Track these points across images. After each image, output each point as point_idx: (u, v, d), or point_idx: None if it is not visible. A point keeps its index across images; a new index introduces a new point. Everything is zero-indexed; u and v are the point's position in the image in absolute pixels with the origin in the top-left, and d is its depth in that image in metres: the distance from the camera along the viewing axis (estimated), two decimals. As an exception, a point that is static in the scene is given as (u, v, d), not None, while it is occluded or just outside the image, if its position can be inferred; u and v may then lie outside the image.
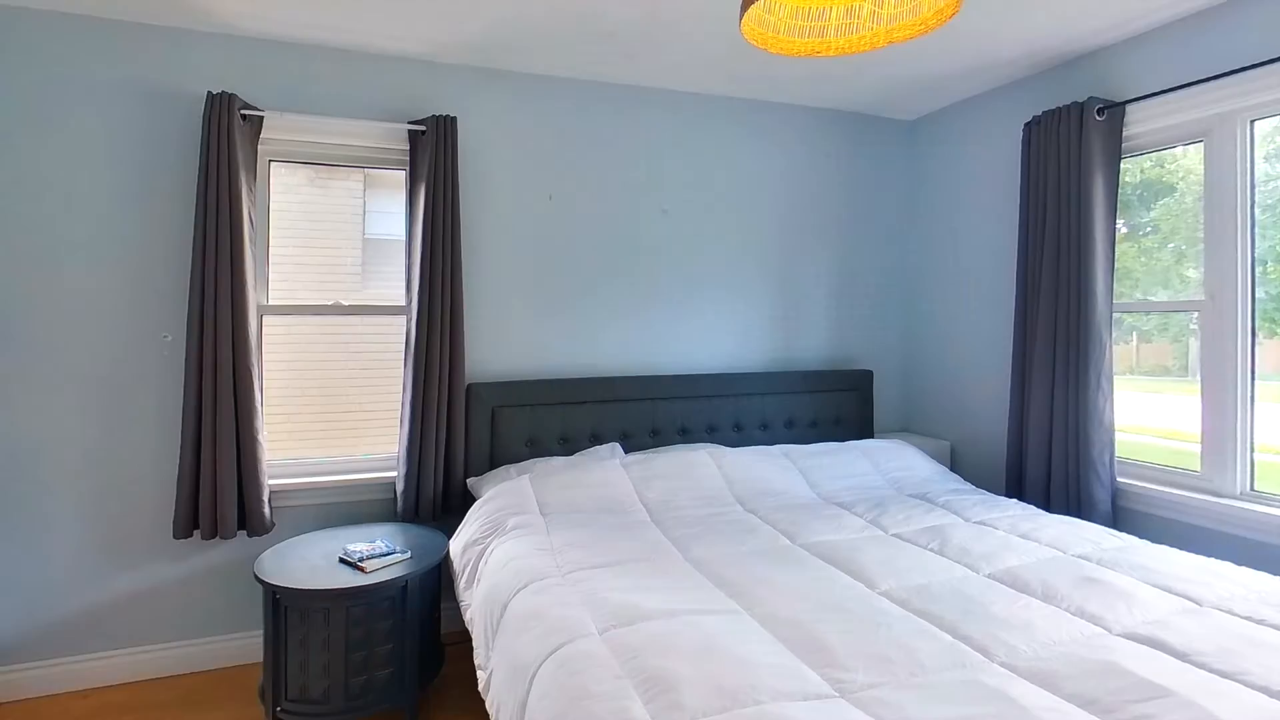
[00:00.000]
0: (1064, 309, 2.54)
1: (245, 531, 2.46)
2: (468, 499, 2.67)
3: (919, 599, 1.66)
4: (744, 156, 3.23)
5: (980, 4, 2.26)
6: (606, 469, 2.51)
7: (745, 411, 3.11)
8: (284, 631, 2.06)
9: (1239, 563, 2.14)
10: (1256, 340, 2.23)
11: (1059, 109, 2.58)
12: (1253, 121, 2.23)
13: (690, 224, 3.14)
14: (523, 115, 2.88)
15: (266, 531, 2.44)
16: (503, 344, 2.86)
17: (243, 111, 2.39)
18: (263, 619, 2.15)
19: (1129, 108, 2.47)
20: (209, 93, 2.33)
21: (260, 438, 2.41)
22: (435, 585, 2.36)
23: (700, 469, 2.58)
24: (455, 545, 2.29)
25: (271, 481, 2.54)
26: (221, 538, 2.36)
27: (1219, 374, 2.28)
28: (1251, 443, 2.24)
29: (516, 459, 2.75)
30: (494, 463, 2.74)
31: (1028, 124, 2.72)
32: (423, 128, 2.60)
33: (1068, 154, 2.54)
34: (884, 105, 3.33)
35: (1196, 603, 1.63)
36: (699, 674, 1.28)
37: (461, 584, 2.13)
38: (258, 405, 2.41)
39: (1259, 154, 2.24)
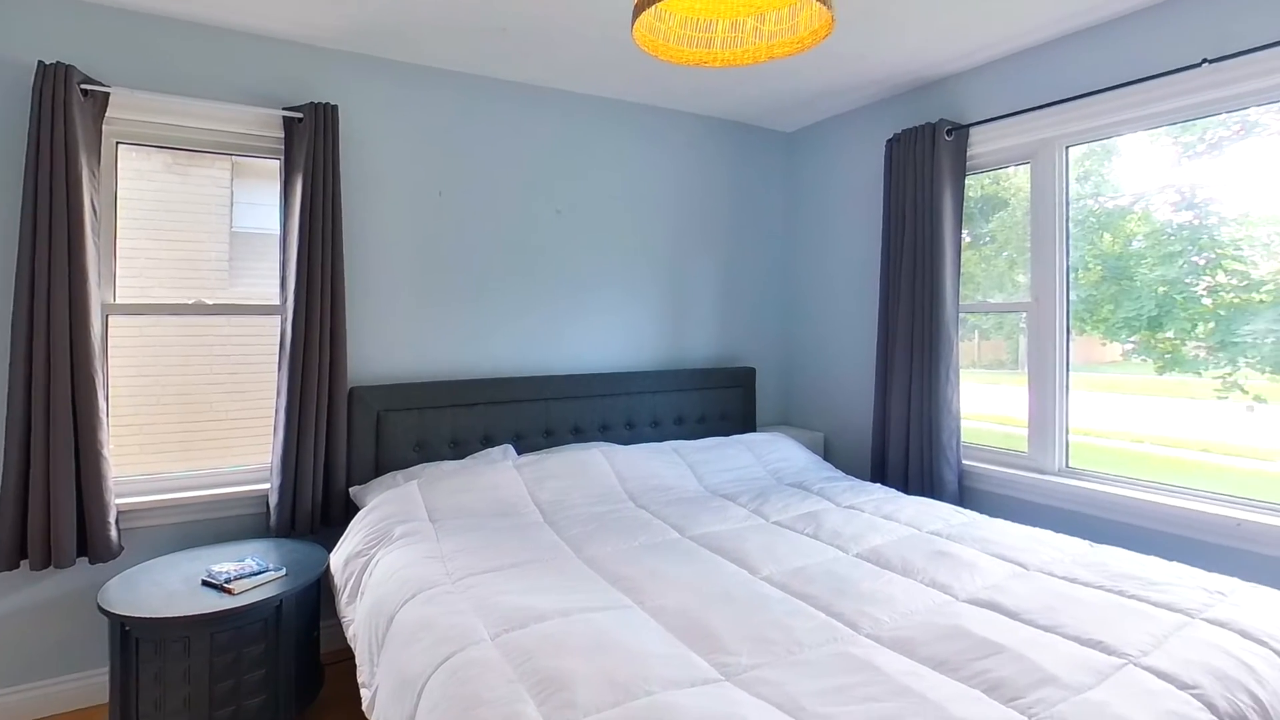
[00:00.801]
0: (919, 309, 2.81)
1: (86, 558, 2.20)
2: (350, 509, 2.55)
3: (796, 581, 1.79)
4: (636, 160, 3.30)
5: (850, 29, 2.45)
6: (498, 471, 2.48)
7: (637, 409, 3.18)
8: (134, 667, 1.87)
9: (1058, 530, 2.47)
10: (1070, 337, 2.59)
11: (916, 128, 2.84)
12: (1068, 147, 2.57)
13: (583, 225, 3.16)
14: (411, 107, 2.77)
15: (113, 556, 2.20)
16: (389, 345, 2.75)
17: (83, 86, 2.13)
18: (109, 655, 1.94)
19: (972, 130, 2.77)
20: (40, 62, 2.06)
21: (105, 452, 2.16)
22: (314, 603, 2.23)
23: (593, 467, 2.61)
24: (336, 558, 2.18)
25: (120, 500, 2.29)
26: (56, 566, 2.10)
27: (1041, 367, 2.61)
28: (1066, 426, 2.59)
29: (404, 465, 2.66)
30: (379, 470, 2.63)
31: (890, 140, 2.97)
32: (300, 115, 2.44)
33: (922, 169, 2.81)
34: (765, 116, 3.52)
35: (1025, 567, 1.88)
36: (592, 670, 1.31)
37: (344, 599, 2.04)
38: (102, 416, 2.16)
39: (1073, 176, 2.59)
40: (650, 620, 1.57)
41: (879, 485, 2.71)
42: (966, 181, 2.85)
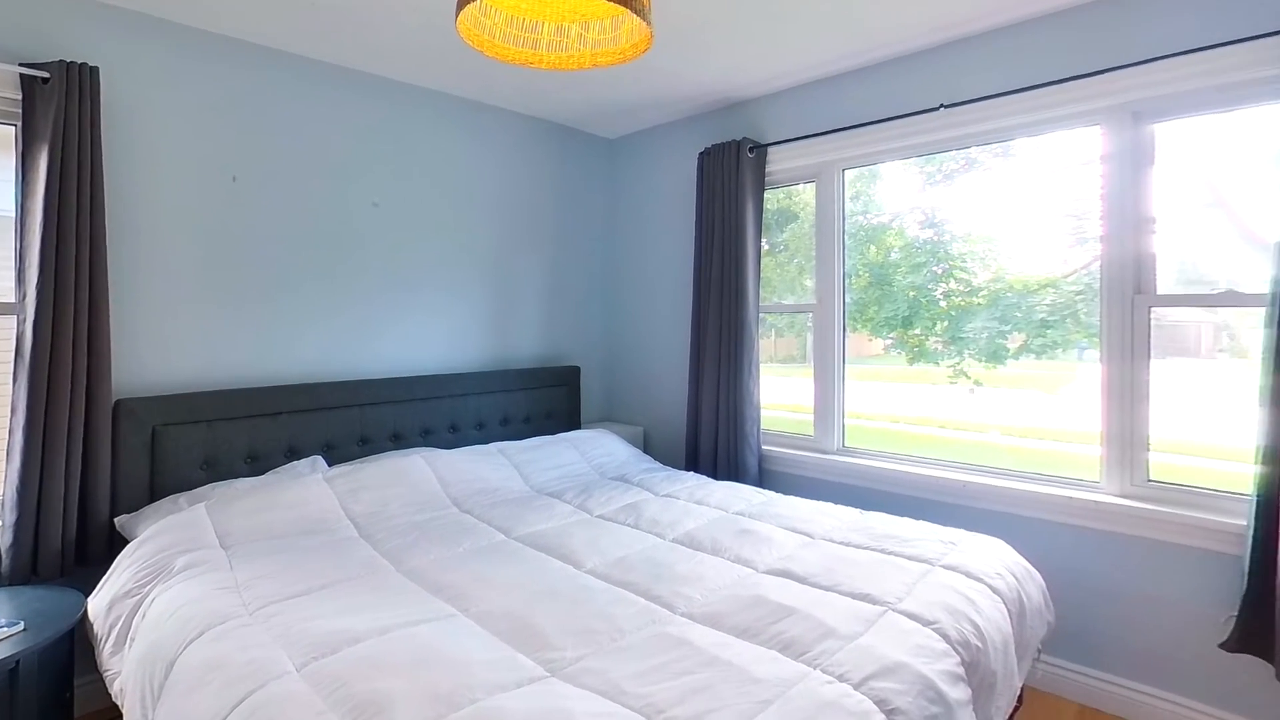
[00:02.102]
0: (726, 310, 3.07)
1: None
2: (117, 543, 2.19)
3: (618, 570, 1.88)
4: (460, 155, 3.19)
5: (666, 47, 2.60)
6: (306, 485, 2.29)
7: (461, 412, 3.10)
8: None
9: (838, 502, 2.86)
10: (846, 334, 3.00)
11: (724, 144, 3.09)
12: (844, 170, 2.96)
13: (403, 219, 3.00)
14: (199, 79, 2.43)
15: None
16: (168, 350, 2.39)
17: None
18: None
19: (770, 149, 3.07)
20: None
21: None
22: (66, 658, 1.88)
23: (414, 474, 2.51)
24: (97, 603, 1.87)
25: None
26: None
27: (824, 360, 3.00)
28: (843, 411, 3.00)
29: (188, 486, 2.34)
30: (155, 494, 2.29)
31: (702, 153, 3.20)
32: (45, 74, 2.03)
33: (729, 182, 3.06)
34: (590, 122, 3.59)
35: (811, 537, 2.15)
36: (414, 687, 1.28)
37: (107, 649, 1.76)
38: None
39: (848, 194, 2.99)
40: (475, 626, 1.56)
41: (692, 473, 2.93)
42: (766, 195, 3.15)
